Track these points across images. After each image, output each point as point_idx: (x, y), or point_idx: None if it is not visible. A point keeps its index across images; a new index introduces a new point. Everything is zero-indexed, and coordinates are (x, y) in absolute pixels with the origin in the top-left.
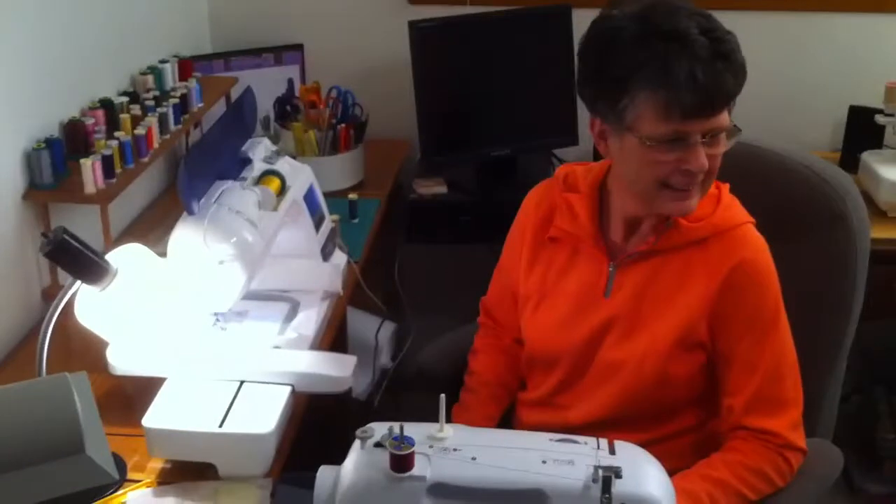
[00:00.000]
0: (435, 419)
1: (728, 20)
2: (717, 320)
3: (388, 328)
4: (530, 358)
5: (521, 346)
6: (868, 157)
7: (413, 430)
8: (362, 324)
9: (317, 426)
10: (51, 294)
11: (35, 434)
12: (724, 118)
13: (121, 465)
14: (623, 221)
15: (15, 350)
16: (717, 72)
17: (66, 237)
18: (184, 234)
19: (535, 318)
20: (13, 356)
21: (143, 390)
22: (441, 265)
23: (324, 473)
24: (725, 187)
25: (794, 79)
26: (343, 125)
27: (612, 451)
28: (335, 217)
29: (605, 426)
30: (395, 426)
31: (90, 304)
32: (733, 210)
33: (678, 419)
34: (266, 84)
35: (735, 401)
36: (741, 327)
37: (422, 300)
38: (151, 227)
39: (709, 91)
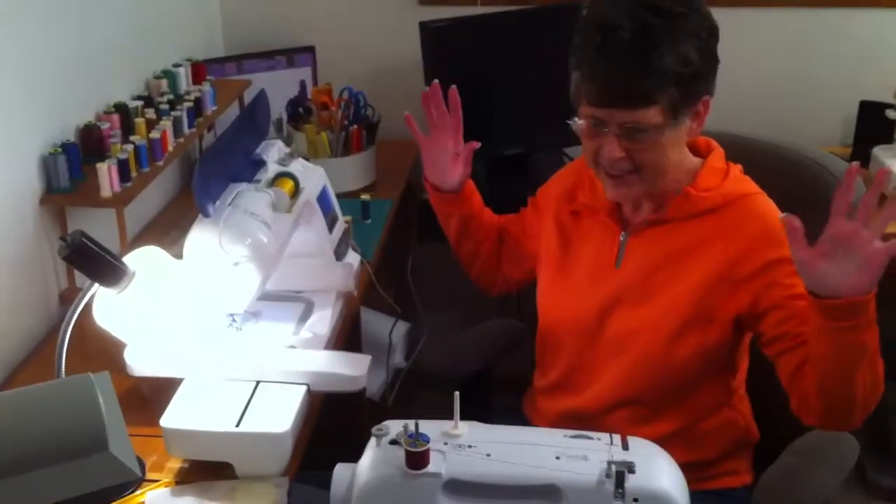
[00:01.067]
0: (448, 418)
1: (738, 16)
2: (740, 282)
3: (402, 328)
4: (544, 332)
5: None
6: (879, 152)
7: (428, 427)
8: (376, 324)
9: (330, 426)
10: (68, 297)
11: (59, 433)
12: (642, 115)
13: (139, 464)
14: None
15: (33, 352)
16: (624, 68)
17: (85, 241)
18: (199, 237)
19: (552, 288)
20: (31, 358)
21: (158, 391)
22: (453, 265)
23: (340, 471)
24: (737, 167)
25: (805, 74)
26: (355, 126)
27: (625, 447)
28: (348, 218)
29: (622, 406)
30: (411, 423)
31: (108, 307)
32: (744, 183)
33: (695, 400)
34: (278, 86)
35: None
36: (767, 279)
37: (434, 300)
38: (166, 230)
39: (611, 86)
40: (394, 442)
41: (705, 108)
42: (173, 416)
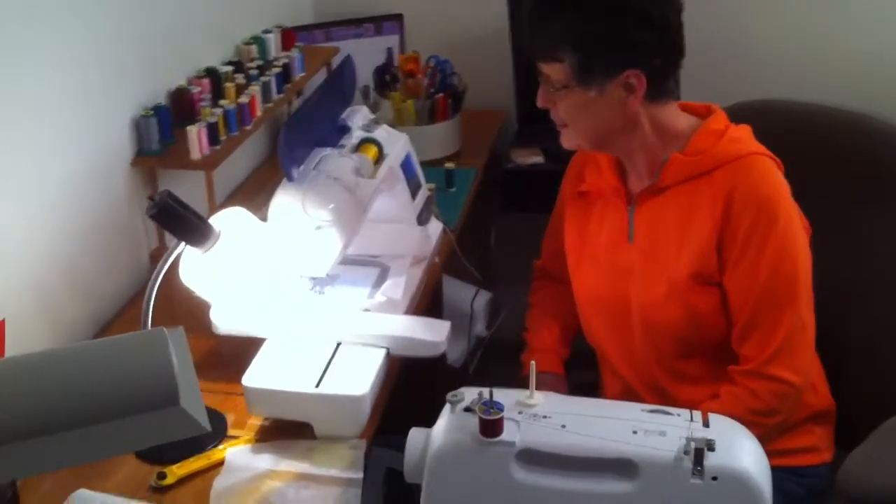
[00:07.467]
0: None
1: None
2: (722, 248)
3: (484, 297)
4: (581, 316)
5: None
6: None
7: (503, 395)
8: (458, 292)
9: (410, 391)
10: (157, 256)
11: (131, 386)
12: (549, 69)
13: (221, 421)
14: (629, 166)
15: (123, 310)
16: (531, 22)
17: (171, 201)
18: (283, 200)
19: (578, 273)
20: (121, 316)
21: (239, 351)
22: (536, 235)
23: (414, 435)
24: (740, 128)
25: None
26: (441, 95)
27: (705, 424)
28: (431, 186)
29: (670, 378)
30: (485, 391)
31: (193, 266)
32: (740, 143)
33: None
34: (366, 54)
35: (734, 331)
36: (738, 252)
37: (517, 269)
38: (254, 193)
39: (524, 36)
40: (468, 409)
41: (639, 82)
42: (255, 376)
